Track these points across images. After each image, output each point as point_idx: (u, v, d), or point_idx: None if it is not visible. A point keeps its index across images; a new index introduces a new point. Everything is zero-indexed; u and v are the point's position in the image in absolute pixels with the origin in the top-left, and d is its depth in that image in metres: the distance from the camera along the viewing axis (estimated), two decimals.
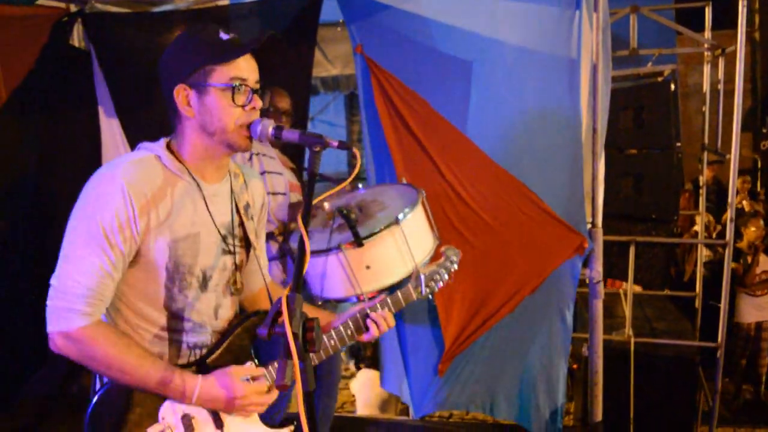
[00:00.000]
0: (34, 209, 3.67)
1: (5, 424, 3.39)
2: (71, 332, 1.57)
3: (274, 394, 1.78)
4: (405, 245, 2.46)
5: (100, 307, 1.60)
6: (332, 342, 1.92)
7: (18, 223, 3.57)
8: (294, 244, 2.80)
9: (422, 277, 2.23)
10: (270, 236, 3.21)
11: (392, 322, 2.01)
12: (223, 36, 1.65)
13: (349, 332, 1.94)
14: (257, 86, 1.69)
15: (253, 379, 1.75)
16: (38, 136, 3.72)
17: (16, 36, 3.62)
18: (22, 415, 3.47)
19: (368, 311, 1.98)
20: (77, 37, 4.03)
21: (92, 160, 3.94)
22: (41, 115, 3.73)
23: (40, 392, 3.56)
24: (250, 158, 3.16)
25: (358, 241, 2.41)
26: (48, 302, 1.58)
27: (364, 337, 1.97)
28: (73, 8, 3.96)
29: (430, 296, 2.29)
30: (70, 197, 1.63)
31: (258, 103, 1.68)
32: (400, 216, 2.45)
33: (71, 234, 1.59)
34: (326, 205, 3.14)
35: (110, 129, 4.03)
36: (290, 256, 2.84)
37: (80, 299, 1.56)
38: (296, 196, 3.34)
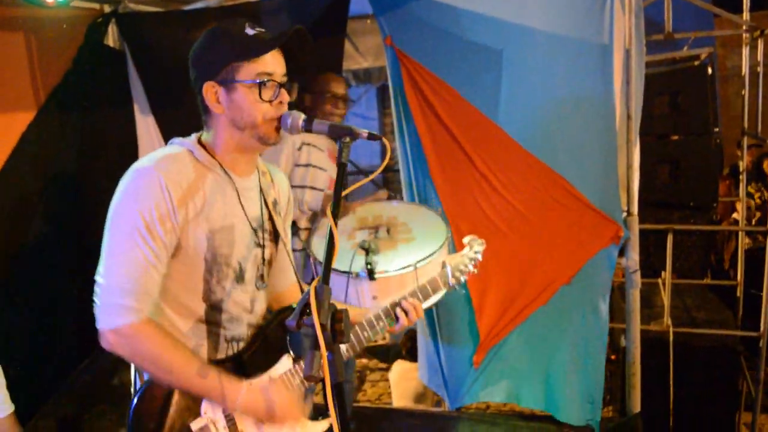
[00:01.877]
0: (75, 207, 3.75)
1: (51, 412, 3.50)
2: (121, 328, 1.58)
3: (310, 401, 1.82)
4: (416, 284, 2.49)
5: (147, 303, 1.61)
6: (365, 334, 1.91)
7: (60, 221, 3.66)
8: (314, 249, 2.84)
9: (449, 268, 2.23)
10: (294, 230, 3.23)
11: (421, 313, 2.01)
12: (249, 31, 1.66)
13: (381, 324, 1.95)
14: (284, 80, 1.70)
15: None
16: (77, 135, 3.80)
17: (53, 38, 3.70)
18: (67, 405, 3.56)
19: (398, 300, 1.99)
20: (112, 37, 4.09)
21: (129, 157, 3.94)
22: (79, 115, 3.81)
23: (83, 383, 3.65)
24: (300, 148, 3.17)
25: (370, 276, 2.53)
26: (96, 300, 1.59)
27: (395, 328, 1.98)
28: (106, 9, 4.04)
29: (456, 287, 2.29)
30: (109, 194, 1.65)
31: (285, 97, 1.70)
32: (419, 265, 2.54)
33: (113, 230, 1.60)
34: (358, 208, 3.18)
35: (146, 126, 4.11)
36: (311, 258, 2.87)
37: (128, 294, 1.57)
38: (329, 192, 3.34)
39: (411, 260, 2.55)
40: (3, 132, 3.43)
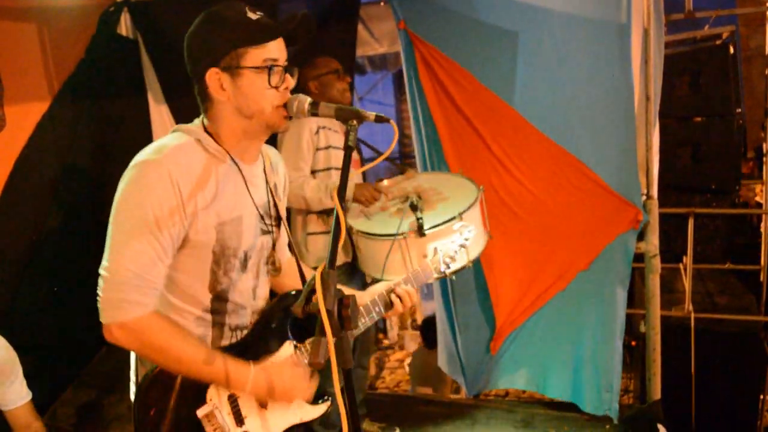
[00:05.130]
0: (90, 195, 3.76)
1: (70, 400, 3.54)
2: (128, 323, 1.55)
3: (316, 380, 1.79)
4: (459, 237, 2.47)
5: (153, 296, 1.59)
6: (362, 320, 1.92)
7: (75, 210, 3.67)
8: (351, 222, 2.92)
9: (441, 253, 2.23)
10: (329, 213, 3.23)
11: (415, 298, 2.03)
12: (252, 16, 1.63)
13: (377, 309, 1.95)
14: (286, 65, 1.67)
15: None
16: (91, 124, 3.81)
17: (65, 27, 3.70)
18: (85, 393, 3.60)
19: (393, 287, 1.99)
20: (124, 26, 4.07)
21: (143, 146, 3.99)
22: (93, 104, 3.81)
23: (101, 372, 3.69)
24: (317, 132, 3.17)
25: (420, 232, 2.56)
26: (101, 293, 1.55)
27: (389, 314, 2.00)
28: None
29: (445, 273, 2.27)
30: None
31: (290, 82, 1.67)
32: (462, 210, 2.57)
33: (120, 224, 1.56)
34: (386, 182, 3.22)
35: (159, 115, 4.09)
36: (348, 234, 2.96)
37: (134, 289, 1.54)
38: (355, 173, 3.33)
39: (454, 212, 2.59)
40: (18, 122, 3.43)
